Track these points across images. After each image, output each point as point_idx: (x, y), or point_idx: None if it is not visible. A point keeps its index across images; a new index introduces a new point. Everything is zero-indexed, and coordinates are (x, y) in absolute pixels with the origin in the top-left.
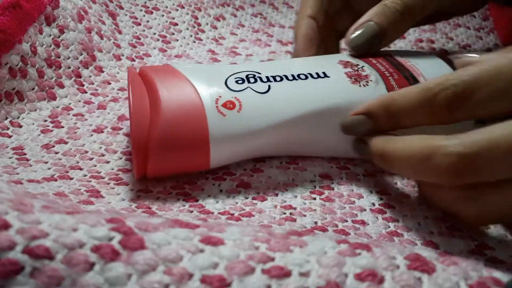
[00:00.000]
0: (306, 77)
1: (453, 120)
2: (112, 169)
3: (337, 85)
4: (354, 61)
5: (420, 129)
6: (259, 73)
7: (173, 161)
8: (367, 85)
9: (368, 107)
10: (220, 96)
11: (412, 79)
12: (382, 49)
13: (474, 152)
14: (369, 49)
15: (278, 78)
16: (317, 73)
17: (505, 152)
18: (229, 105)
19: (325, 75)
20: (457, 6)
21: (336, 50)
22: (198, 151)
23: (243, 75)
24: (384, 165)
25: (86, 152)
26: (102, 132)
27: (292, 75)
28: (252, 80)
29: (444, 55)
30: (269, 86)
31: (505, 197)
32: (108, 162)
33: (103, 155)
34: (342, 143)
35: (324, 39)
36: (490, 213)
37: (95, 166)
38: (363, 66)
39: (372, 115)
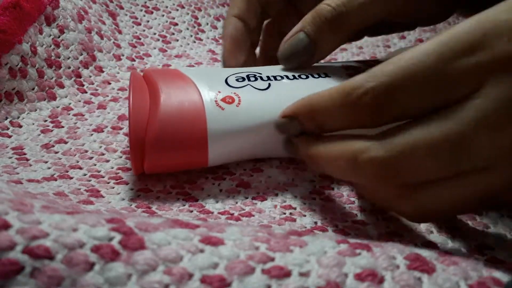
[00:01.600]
0: (307, 77)
1: (379, 125)
2: (112, 168)
3: (338, 82)
4: (358, 65)
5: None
6: (260, 73)
7: (171, 156)
8: None
9: (292, 110)
10: (219, 92)
11: None
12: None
13: (396, 156)
14: (300, 63)
15: (278, 78)
16: (318, 74)
17: (425, 154)
18: (228, 99)
19: (326, 75)
20: (409, 17)
21: None
22: (196, 145)
23: (243, 75)
24: (314, 168)
25: (86, 151)
26: (102, 131)
27: (293, 75)
28: (252, 78)
29: None
30: (269, 84)
31: (437, 196)
32: (107, 161)
33: (102, 154)
34: None
35: (267, 43)
36: (424, 211)
37: (95, 165)
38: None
39: (297, 118)
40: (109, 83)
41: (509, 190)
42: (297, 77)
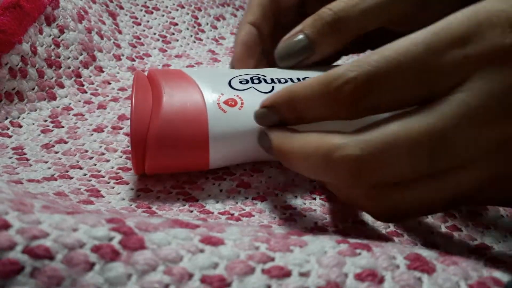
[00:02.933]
0: None
1: (359, 116)
2: (112, 167)
3: None
4: None
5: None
6: (264, 76)
7: (172, 157)
8: None
9: (273, 100)
10: (222, 94)
11: None
12: None
13: (371, 155)
14: (297, 62)
15: (282, 80)
16: None
17: (402, 152)
18: (231, 102)
19: None
20: (410, 28)
21: None
22: (197, 147)
23: (247, 77)
24: (284, 163)
25: (86, 151)
26: (102, 131)
27: (298, 78)
28: (256, 81)
29: None
30: (273, 87)
31: (409, 197)
32: (108, 161)
33: (103, 154)
34: None
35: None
36: (395, 212)
37: (95, 165)
38: None
39: (276, 108)
40: (109, 83)
41: (483, 189)
42: (301, 80)
